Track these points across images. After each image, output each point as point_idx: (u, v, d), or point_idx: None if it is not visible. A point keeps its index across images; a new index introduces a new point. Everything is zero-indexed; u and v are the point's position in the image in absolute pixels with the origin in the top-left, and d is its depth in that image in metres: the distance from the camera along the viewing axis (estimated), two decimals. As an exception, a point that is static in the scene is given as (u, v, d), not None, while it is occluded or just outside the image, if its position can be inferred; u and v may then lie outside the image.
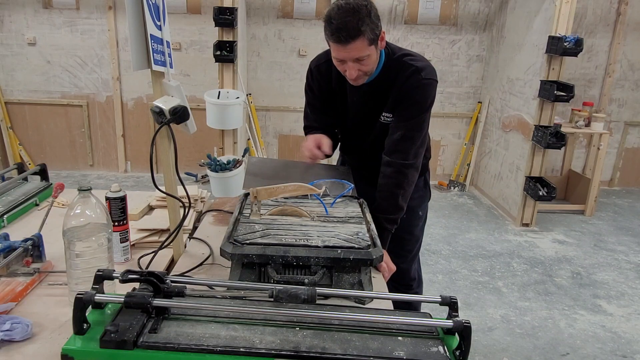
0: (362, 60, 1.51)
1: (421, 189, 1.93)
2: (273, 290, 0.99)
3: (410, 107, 1.62)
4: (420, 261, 2.15)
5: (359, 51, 1.48)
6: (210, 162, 2.60)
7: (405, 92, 1.61)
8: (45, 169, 1.94)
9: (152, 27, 1.26)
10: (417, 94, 1.60)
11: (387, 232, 1.65)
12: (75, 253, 1.11)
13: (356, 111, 1.76)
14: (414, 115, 1.62)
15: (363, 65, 1.53)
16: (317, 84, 1.79)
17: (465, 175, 5.07)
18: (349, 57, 1.50)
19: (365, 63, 1.53)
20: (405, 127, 1.62)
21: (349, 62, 1.52)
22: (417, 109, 1.62)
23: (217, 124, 3.55)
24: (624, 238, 4.01)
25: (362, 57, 1.50)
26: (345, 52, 1.49)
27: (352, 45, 1.46)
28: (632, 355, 2.52)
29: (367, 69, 1.56)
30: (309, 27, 4.72)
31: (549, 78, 3.80)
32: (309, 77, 1.81)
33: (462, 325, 0.89)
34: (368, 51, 1.50)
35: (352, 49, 1.47)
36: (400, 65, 1.62)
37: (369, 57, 1.52)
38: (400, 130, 1.62)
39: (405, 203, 1.67)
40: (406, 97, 1.61)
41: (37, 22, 4.57)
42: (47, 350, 1.00)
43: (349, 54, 1.49)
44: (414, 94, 1.60)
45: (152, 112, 1.29)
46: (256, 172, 1.75)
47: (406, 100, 1.61)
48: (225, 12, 3.65)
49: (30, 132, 4.85)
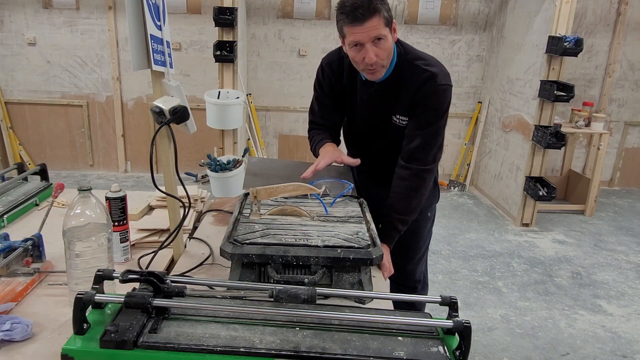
0: (380, 42, 1.48)
1: (431, 189, 1.92)
2: (273, 290, 0.99)
3: (427, 114, 1.60)
4: (427, 264, 2.11)
5: (376, 29, 1.45)
6: (210, 162, 2.60)
7: (421, 99, 1.59)
8: (45, 169, 1.94)
9: (152, 27, 1.26)
10: (434, 100, 1.58)
11: (396, 232, 1.65)
12: (75, 253, 1.11)
13: (365, 110, 1.73)
14: (431, 123, 1.60)
15: (381, 49, 1.50)
16: (327, 81, 1.77)
17: (465, 175, 5.07)
18: (367, 38, 1.47)
19: (383, 47, 1.50)
20: (423, 134, 1.61)
21: (367, 45, 1.48)
22: (434, 116, 1.60)
23: (217, 124, 3.55)
24: (624, 238, 4.00)
25: (380, 36, 1.47)
26: (363, 31, 1.46)
27: (369, 24, 1.44)
28: (632, 355, 2.52)
29: (384, 54, 1.52)
30: (309, 27, 4.71)
31: (549, 78, 3.80)
32: (319, 74, 1.80)
33: (462, 325, 0.89)
34: (384, 31, 1.47)
35: (369, 27, 1.45)
36: (413, 69, 1.60)
37: (386, 40, 1.49)
38: (418, 138, 1.61)
39: (419, 206, 1.67)
40: (422, 104, 1.59)
41: (37, 22, 4.57)
42: (47, 350, 1.00)
43: (368, 34, 1.46)
44: (430, 100, 1.58)
45: (152, 112, 1.29)
46: (256, 172, 1.75)
47: (422, 107, 1.60)
48: (225, 12, 3.65)
49: (30, 132, 4.85)
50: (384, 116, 1.69)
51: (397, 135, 1.69)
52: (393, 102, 1.65)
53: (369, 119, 1.75)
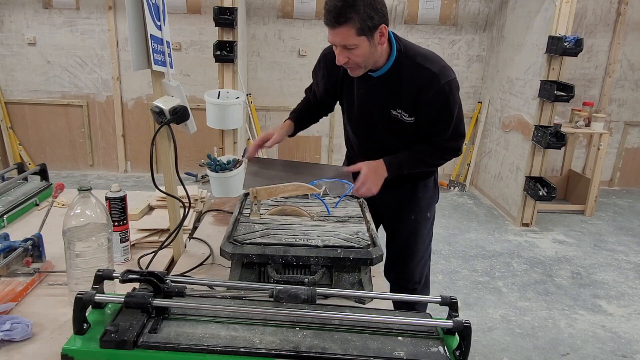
0: (351, 49, 1.50)
1: (431, 189, 1.93)
2: (273, 290, 0.99)
3: (443, 114, 1.64)
4: (430, 267, 2.09)
5: (344, 38, 1.47)
6: (210, 162, 2.60)
7: (429, 101, 1.60)
8: (45, 169, 1.94)
9: (152, 27, 1.26)
10: (442, 99, 1.60)
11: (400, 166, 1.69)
12: (75, 253, 1.11)
13: (363, 104, 1.74)
14: (449, 119, 1.65)
15: (352, 54, 1.51)
16: (322, 72, 1.80)
17: (465, 175, 5.07)
18: (335, 42, 1.51)
19: (355, 53, 1.51)
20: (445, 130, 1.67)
21: (338, 47, 1.52)
22: (449, 113, 1.64)
23: (217, 124, 3.54)
24: (624, 238, 4.01)
25: (348, 46, 1.49)
26: (331, 35, 1.50)
27: (337, 30, 1.47)
28: (632, 355, 2.52)
29: (358, 60, 1.53)
30: (309, 27, 4.72)
31: (549, 78, 3.80)
32: (317, 64, 1.84)
33: (462, 325, 0.89)
34: (355, 41, 1.47)
35: (337, 34, 1.48)
36: (414, 66, 1.60)
37: (358, 48, 1.50)
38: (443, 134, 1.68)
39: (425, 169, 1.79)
40: (432, 105, 1.61)
41: (37, 22, 4.57)
42: (47, 350, 1.00)
43: (334, 39, 1.50)
44: (440, 101, 1.60)
45: (152, 112, 1.29)
46: (256, 172, 1.75)
47: (433, 108, 1.62)
48: (225, 12, 3.65)
49: (30, 132, 4.85)
50: (383, 110, 1.69)
51: (396, 128, 1.70)
52: (393, 96, 1.66)
53: (367, 113, 1.75)
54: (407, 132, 1.70)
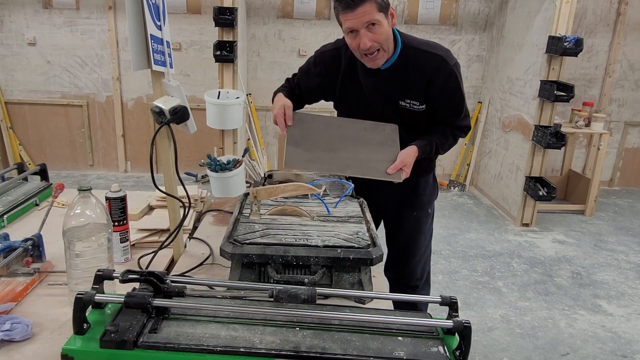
0: (374, 27, 1.50)
1: (431, 185, 1.95)
2: (273, 290, 0.99)
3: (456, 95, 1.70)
4: (430, 264, 2.11)
5: (369, 14, 1.48)
6: (210, 162, 2.59)
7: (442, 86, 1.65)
8: (45, 169, 1.94)
9: (152, 27, 1.26)
10: (452, 80, 1.66)
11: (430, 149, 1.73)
12: (75, 253, 1.11)
13: (371, 98, 1.74)
14: (462, 99, 1.72)
15: (376, 34, 1.52)
16: (318, 69, 1.80)
17: (465, 175, 5.07)
18: (360, 24, 1.49)
19: (378, 32, 1.51)
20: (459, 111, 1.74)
21: (362, 31, 1.51)
22: (460, 94, 1.71)
23: (217, 124, 3.51)
24: (624, 238, 4.00)
25: (373, 22, 1.49)
26: (355, 18, 1.48)
27: (361, 9, 1.47)
28: (632, 355, 2.52)
29: (381, 38, 1.53)
30: (309, 27, 4.72)
31: (549, 78, 3.80)
32: (310, 61, 1.83)
33: (462, 325, 0.89)
34: (378, 16, 1.49)
35: (361, 13, 1.47)
36: (421, 54, 1.64)
37: (380, 25, 1.51)
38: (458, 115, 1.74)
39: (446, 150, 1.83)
40: (446, 90, 1.66)
41: (37, 22, 4.57)
42: (47, 350, 1.00)
43: (360, 19, 1.48)
44: (451, 84, 1.66)
45: (152, 112, 1.29)
46: (297, 142, 1.62)
47: (448, 92, 1.67)
48: (225, 12, 3.65)
49: (30, 132, 4.85)
50: (391, 102, 1.71)
51: (405, 119, 1.72)
52: (403, 87, 1.68)
53: (375, 106, 1.75)
54: (417, 121, 1.73)
